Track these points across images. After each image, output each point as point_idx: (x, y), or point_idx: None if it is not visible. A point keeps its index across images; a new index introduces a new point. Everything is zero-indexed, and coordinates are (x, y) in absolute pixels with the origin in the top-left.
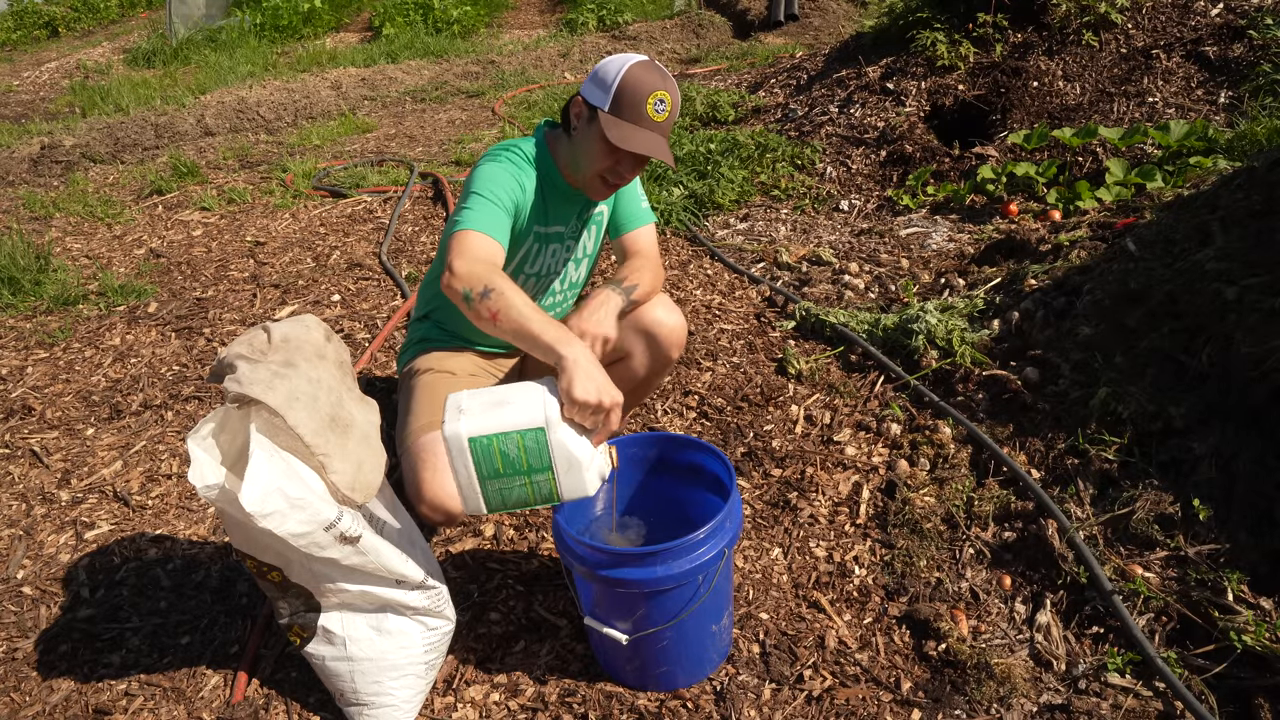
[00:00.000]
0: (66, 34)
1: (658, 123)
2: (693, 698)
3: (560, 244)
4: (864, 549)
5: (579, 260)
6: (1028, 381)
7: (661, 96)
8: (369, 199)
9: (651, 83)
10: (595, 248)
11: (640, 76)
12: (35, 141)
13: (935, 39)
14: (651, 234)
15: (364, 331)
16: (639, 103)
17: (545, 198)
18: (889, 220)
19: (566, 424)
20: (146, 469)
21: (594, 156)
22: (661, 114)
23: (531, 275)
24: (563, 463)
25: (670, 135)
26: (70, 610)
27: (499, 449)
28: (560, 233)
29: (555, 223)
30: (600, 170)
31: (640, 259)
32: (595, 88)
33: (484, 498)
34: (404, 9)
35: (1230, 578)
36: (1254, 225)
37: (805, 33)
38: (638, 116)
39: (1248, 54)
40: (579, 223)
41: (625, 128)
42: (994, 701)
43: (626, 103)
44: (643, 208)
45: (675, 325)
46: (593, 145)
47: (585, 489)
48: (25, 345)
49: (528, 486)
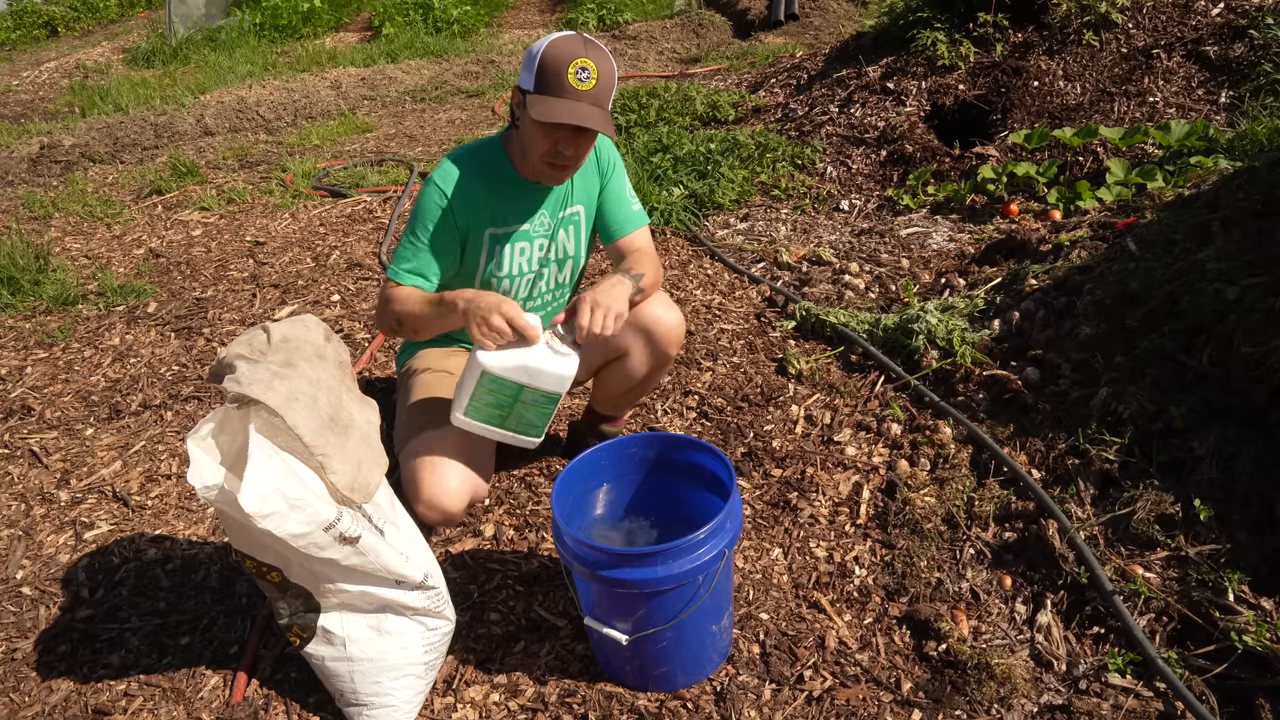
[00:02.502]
0: (66, 34)
1: (583, 91)
2: (693, 698)
3: (528, 242)
4: (864, 549)
5: (560, 261)
6: (1028, 381)
7: (583, 64)
8: (369, 199)
9: (571, 51)
10: (578, 249)
11: (559, 47)
12: (35, 141)
13: (935, 39)
14: (646, 236)
15: (364, 331)
16: (559, 73)
17: (497, 197)
18: (889, 220)
19: (498, 354)
20: (146, 469)
21: (534, 141)
22: (585, 81)
23: (504, 278)
24: (520, 376)
25: (608, 104)
26: (70, 610)
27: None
28: (524, 231)
29: (513, 221)
30: (541, 153)
31: (638, 254)
32: (525, 72)
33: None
34: (404, 9)
35: (1231, 578)
36: (1254, 225)
37: (805, 32)
38: (560, 88)
39: (1248, 54)
40: (550, 221)
41: (548, 102)
42: (994, 702)
43: (548, 77)
44: (633, 210)
45: (673, 323)
46: (530, 130)
47: (546, 386)
48: (25, 345)
49: (504, 409)
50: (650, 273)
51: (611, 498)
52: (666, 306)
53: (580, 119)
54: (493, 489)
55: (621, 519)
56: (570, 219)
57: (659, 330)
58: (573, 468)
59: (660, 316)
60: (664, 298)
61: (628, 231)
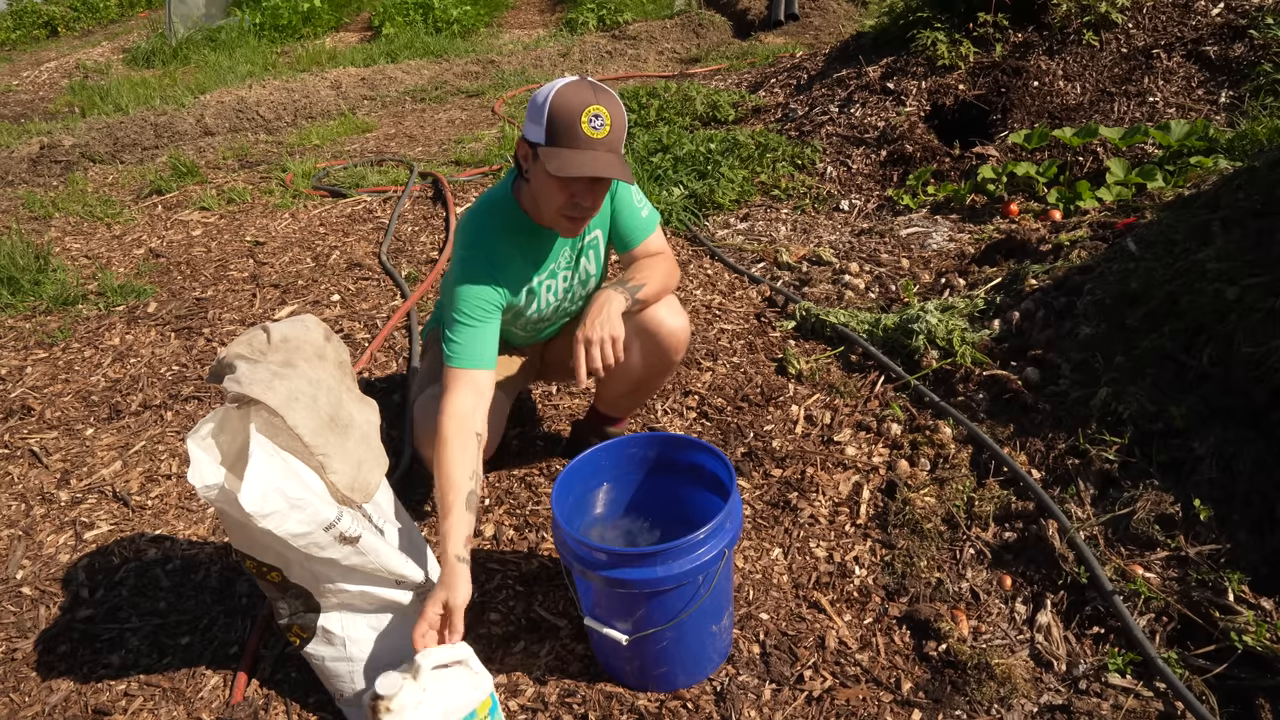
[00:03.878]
0: (66, 34)
1: (599, 140)
2: (693, 698)
3: (555, 279)
4: (864, 549)
5: (585, 281)
6: (1028, 381)
7: (596, 111)
8: (369, 199)
9: (582, 100)
10: (600, 268)
11: (569, 97)
12: (35, 141)
13: (935, 39)
14: (659, 239)
15: (364, 331)
16: (573, 124)
17: (526, 253)
18: (889, 220)
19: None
20: (146, 469)
21: (548, 195)
22: (600, 129)
23: (534, 317)
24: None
25: (622, 150)
26: (70, 610)
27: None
28: (553, 270)
29: (544, 269)
30: (558, 207)
31: (649, 259)
32: (531, 124)
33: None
34: (404, 9)
35: (1231, 578)
36: (1254, 225)
37: (805, 32)
38: (574, 140)
39: (1248, 54)
40: (572, 254)
41: (564, 155)
42: (994, 702)
43: (561, 129)
44: (643, 218)
45: (676, 328)
46: (543, 184)
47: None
48: (25, 345)
49: None
50: (658, 278)
51: (611, 498)
52: (673, 311)
53: (601, 170)
54: (493, 489)
55: (621, 519)
56: (590, 245)
57: (661, 333)
58: (573, 468)
59: (664, 320)
60: (672, 301)
61: (639, 240)
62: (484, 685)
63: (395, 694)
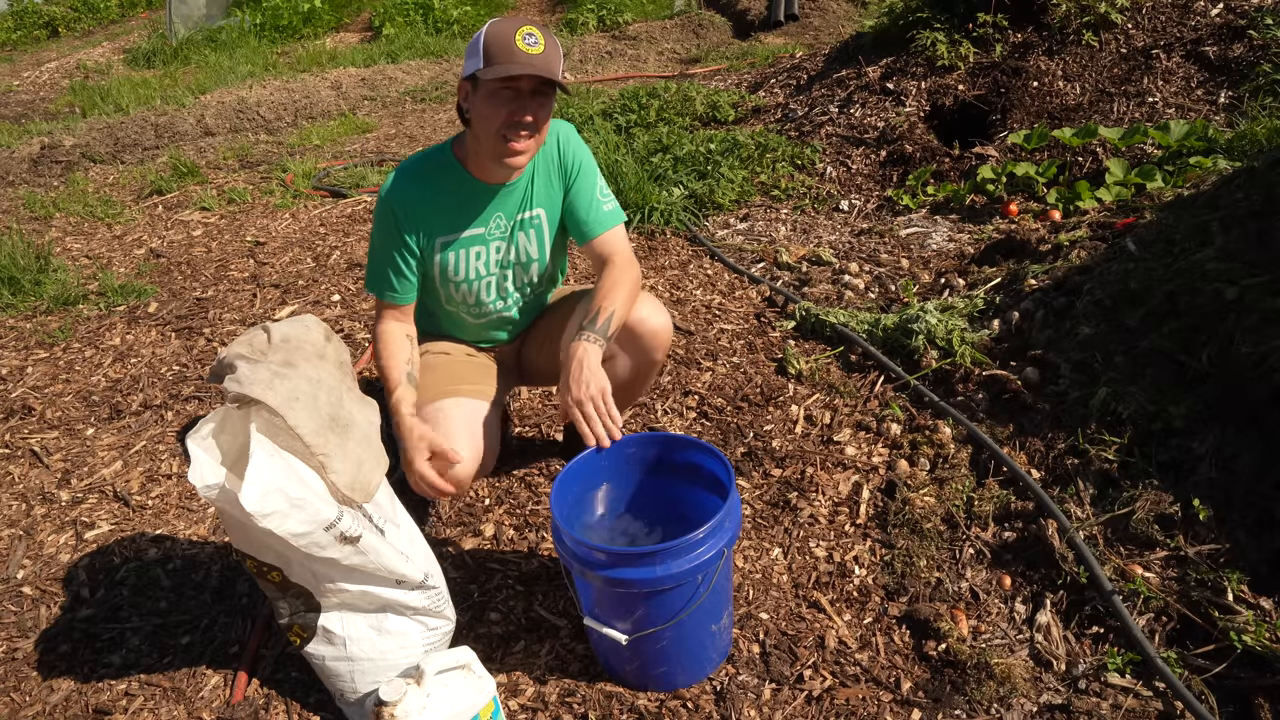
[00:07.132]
0: (66, 34)
1: (535, 54)
2: (693, 698)
3: (483, 245)
4: (864, 549)
5: (525, 264)
6: (1028, 381)
7: (529, 31)
8: (369, 199)
9: (514, 24)
10: (542, 253)
11: (501, 24)
12: (35, 141)
13: (935, 39)
14: (620, 235)
15: (364, 331)
16: (508, 43)
17: (451, 201)
18: (889, 220)
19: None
20: (146, 469)
21: (486, 118)
22: (535, 46)
23: (461, 282)
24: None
25: (559, 74)
26: (70, 610)
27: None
28: (483, 236)
29: (464, 225)
30: (498, 128)
31: (612, 273)
32: (469, 60)
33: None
34: (404, 9)
35: (1230, 578)
36: (1254, 225)
37: (805, 33)
38: (510, 55)
39: (1248, 54)
40: (507, 223)
41: (499, 68)
42: (994, 701)
43: (496, 50)
44: (605, 210)
45: (658, 326)
46: (483, 108)
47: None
48: (25, 345)
49: None
50: (621, 301)
51: (611, 497)
52: (653, 308)
53: (539, 69)
54: (493, 489)
55: (621, 519)
56: (530, 222)
57: (643, 331)
58: (572, 468)
59: (645, 319)
60: (651, 300)
61: (599, 232)
62: (486, 689)
63: (399, 700)
